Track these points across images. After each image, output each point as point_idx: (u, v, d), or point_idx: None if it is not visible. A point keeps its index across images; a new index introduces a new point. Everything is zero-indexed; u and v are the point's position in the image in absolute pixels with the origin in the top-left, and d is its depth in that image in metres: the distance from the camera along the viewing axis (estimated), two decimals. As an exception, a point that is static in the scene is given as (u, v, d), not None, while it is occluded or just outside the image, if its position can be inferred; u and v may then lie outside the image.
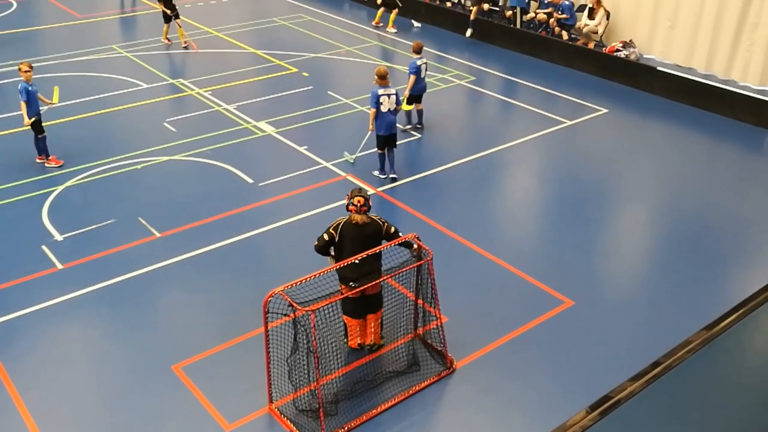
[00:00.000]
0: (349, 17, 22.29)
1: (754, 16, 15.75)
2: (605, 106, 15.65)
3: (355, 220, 7.91)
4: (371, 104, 11.84)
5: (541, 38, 18.80)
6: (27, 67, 12.20)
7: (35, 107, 12.39)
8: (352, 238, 7.87)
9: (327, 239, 7.92)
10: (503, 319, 9.01)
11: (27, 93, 12.14)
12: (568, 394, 7.84)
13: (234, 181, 12.30)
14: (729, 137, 14.42)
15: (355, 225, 7.92)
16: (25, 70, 12.16)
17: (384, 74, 11.74)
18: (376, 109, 11.76)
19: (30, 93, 12.22)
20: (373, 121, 11.87)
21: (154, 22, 21.10)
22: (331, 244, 7.96)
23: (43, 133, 12.59)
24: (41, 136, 12.59)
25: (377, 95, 11.72)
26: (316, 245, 8.00)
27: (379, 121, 11.83)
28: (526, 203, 12.36)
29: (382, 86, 11.77)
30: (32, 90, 12.29)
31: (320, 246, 7.99)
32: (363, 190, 8.11)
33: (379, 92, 11.73)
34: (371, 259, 7.80)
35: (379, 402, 7.70)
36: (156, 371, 8.15)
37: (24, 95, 12.12)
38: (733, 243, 10.81)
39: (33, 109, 12.35)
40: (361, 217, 7.90)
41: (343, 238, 7.88)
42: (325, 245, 7.97)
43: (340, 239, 7.89)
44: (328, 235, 7.92)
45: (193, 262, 10.16)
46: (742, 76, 16.29)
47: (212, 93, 16.06)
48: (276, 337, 7.50)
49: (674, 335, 8.65)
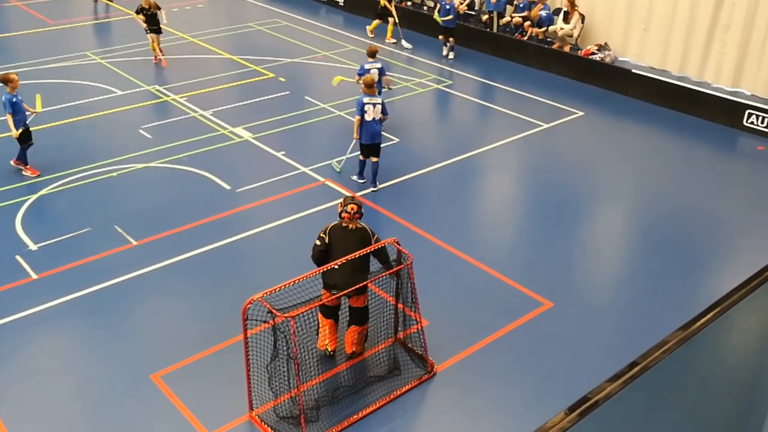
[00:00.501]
0: (325, 22, 22.28)
1: (726, 19, 15.97)
2: (581, 108, 15.77)
3: (346, 225, 8.01)
4: (356, 112, 11.83)
5: (517, 42, 18.91)
6: (12, 76, 12.07)
7: (23, 118, 12.27)
8: (341, 243, 7.93)
9: (319, 244, 7.99)
10: (483, 322, 9.02)
11: (11, 105, 11.99)
12: (549, 396, 7.87)
13: (211, 188, 12.23)
14: (704, 138, 14.59)
15: (344, 230, 8.01)
16: (12, 79, 12.01)
17: (371, 83, 11.75)
18: (360, 117, 11.76)
19: (15, 104, 12.05)
20: (357, 129, 11.87)
21: (127, 28, 20.95)
22: (324, 249, 7.98)
23: (29, 142, 12.45)
24: (26, 145, 12.42)
25: (362, 103, 11.73)
26: (312, 255, 8.05)
27: (362, 130, 11.82)
28: (505, 206, 12.41)
29: (368, 95, 11.77)
30: (17, 101, 12.11)
31: (316, 254, 8.03)
32: (356, 198, 8.24)
33: (364, 100, 11.73)
34: (357, 270, 7.85)
35: (360, 407, 7.67)
36: (134, 380, 8.06)
37: (8, 108, 11.98)
38: (710, 243, 10.92)
39: (20, 120, 12.20)
40: (353, 223, 8.02)
41: (331, 242, 7.96)
42: (320, 252, 7.99)
43: (329, 243, 7.96)
44: (320, 240, 8.00)
45: (170, 270, 10.07)
46: (715, 78, 16.49)
47: (188, 99, 15.96)
48: (256, 344, 7.45)
49: (653, 335, 8.72)
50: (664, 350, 1.67)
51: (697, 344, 1.80)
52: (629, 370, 1.61)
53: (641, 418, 1.81)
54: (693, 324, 1.78)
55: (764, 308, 2.16)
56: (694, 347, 1.80)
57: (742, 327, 2.13)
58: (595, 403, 1.51)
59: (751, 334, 2.25)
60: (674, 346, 1.68)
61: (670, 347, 1.68)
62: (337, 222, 8.11)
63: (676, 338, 1.70)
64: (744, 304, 1.91)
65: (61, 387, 8.01)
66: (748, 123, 14.67)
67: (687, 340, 1.72)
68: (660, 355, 1.66)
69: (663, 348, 1.68)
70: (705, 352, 1.96)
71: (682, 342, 1.70)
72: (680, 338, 1.71)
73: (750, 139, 14.49)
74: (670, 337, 1.73)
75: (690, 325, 1.77)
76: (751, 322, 2.17)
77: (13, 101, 12.06)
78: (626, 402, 1.58)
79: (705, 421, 2.18)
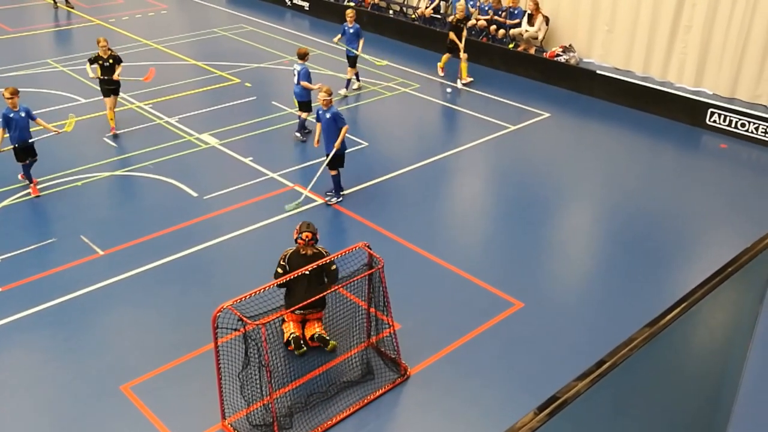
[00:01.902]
0: (291, 26, 22.21)
1: (687, 20, 16.23)
2: (548, 110, 15.90)
3: (304, 251, 8.33)
4: (345, 122, 11.80)
5: (482, 45, 19.01)
6: (8, 93, 11.59)
7: (22, 134, 11.69)
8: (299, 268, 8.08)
9: (281, 272, 8.29)
10: (455, 324, 9.04)
11: (5, 121, 11.51)
12: (522, 394, 7.90)
13: (178, 195, 12.10)
14: (668, 137, 14.80)
15: (303, 256, 8.30)
16: (7, 97, 11.55)
17: None
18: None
19: (11, 120, 11.53)
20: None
21: (89, 35, 20.66)
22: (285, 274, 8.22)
23: (27, 161, 11.94)
24: (24, 163, 11.96)
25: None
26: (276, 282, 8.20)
27: None
28: (474, 208, 12.46)
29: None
30: (15, 116, 11.57)
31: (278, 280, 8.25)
32: (311, 225, 8.47)
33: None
34: (313, 290, 8.09)
35: (333, 413, 7.64)
36: (103, 392, 7.93)
37: (3, 123, 11.51)
38: (676, 239, 11.07)
39: (16, 137, 11.62)
40: (309, 249, 8.32)
41: (291, 269, 8.18)
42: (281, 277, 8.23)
43: (289, 270, 8.20)
44: (281, 268, 8.35)
45: (138, 279, 9.94)
46: (678, 78, 16.75)
47: (153, 106, 15.80)
48: (227, 352, 7.38)
49: (623, 333, 8.81)
50: (631, 347, 1.67)
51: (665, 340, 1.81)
52: (597, 369, 1.61)
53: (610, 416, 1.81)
54: (659, 320, 1.79)
55: (729, 303, 2.19)
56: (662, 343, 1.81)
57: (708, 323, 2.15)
58: (564, 402, 1.51)
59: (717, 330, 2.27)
60: (641, 343, 1.69)
61: (637, 344, 1.69)
62: (295, 248, 8.43)
63: (643, 335, 1.71)
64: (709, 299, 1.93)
65: (28, 401, 7.85)
66: (711, 122, 14.91)
67: (654, 337, 1.73)
68: (627, 353, 1.66)
69: (630, 345, 1.68)
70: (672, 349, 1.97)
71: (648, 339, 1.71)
72: (647, 335, 1.72)
73: (713, 137, 14.73)
74: (637, 335, 1.73)
75: (657, 321, 1.78)
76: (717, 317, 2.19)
77: (10, 116, 11.54)
78: (595, 400, 1.58)
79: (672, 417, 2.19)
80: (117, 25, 22.20)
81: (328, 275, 8.28)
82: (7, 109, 11.63)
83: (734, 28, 15.53)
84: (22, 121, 11.70)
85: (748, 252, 2.13)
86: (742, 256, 2.12)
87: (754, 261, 2.11)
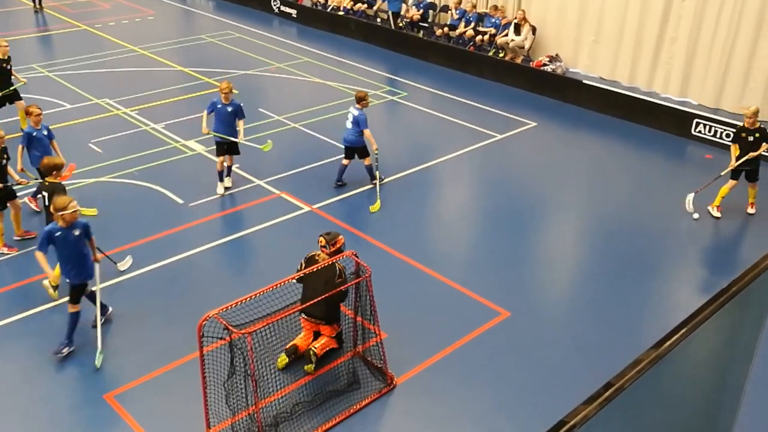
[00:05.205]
0: (278, 34, 22.18)
1: (672, 31, 16.36)
2: (534, 119, 15.95)
3: (318, 257, 8.29)
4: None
5: (470, 54, 19.08)
6: (36, 109, 10.85)
7: (45, 153, 10.66)
8: (310, 278, 8.08)
9: (298, 272, 8.24)
10: (442, 333, 9.01)
11: (28, 139, 10.78)
12: (508, 404, 7.88)
13: (164, 202, 12.00)
14: (655, 147, 14.87)
15: (315, 261, 8.21)
16: (36, 114, 10.80)
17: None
18: None
19: (34, 139, 10.79)
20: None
21: (74, 40, 20.56)
22: (300, 278, 8.22)
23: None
24: None
25: None
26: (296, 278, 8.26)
27: None
28: (461, 217, 12.45)
29: None
30: (37, 135, 10.83)
31: (298, 280, 8.30)
32: (332, 233, 8.47)
33: None
34: (323, 306, 8.03)
35: (319, 422, 7.58)
36: (87, 401, 7.82)
37: (24, 140, 10.76)
38: (663, 250, 11.10)
39: (39, 158, 10.45)
40: (324, 257, 8.23)
41: (305, 274, 8.09)
42: (297, 280, 8.26)
43: (303, 276, 8.16)
44: (297, 271, 8.29)
45: (123, 287, 9.84)
46: (664, 88, 16.87)
47: (139, 112, 15.70)
48: (212, 361, 7.30)
49: (609, 343, 8.84)
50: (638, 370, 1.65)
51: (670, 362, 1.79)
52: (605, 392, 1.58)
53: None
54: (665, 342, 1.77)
55: (729, 324, 2.17)
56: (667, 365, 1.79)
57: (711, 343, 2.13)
58: (572, 426, 1.48)
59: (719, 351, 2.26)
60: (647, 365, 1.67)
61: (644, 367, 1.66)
62: (315, 252, 8.41)
63: (649, 357, 1.69)
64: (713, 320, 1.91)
65: (9, 411, 7.72)
66: (696, 132, 15.01)
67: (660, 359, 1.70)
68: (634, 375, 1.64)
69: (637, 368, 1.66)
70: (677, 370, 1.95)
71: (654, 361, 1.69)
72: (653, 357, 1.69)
73: (698, 147, 14.82)
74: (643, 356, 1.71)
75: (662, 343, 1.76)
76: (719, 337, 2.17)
77: (33, 135, 10.81)
78: (603, 424, 1.55)
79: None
80: (103, 30, 22.09)
81: (338, 294, 8.14)
82: (32, 128, 10.92)
83: (719, 40, 15.67)
84: (45, 140, 11.04)
85: (750, 272, 2.11)
86: (744, 276, 2.11)
87: (757, 281, 2.09)
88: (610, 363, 8.54)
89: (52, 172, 9.49)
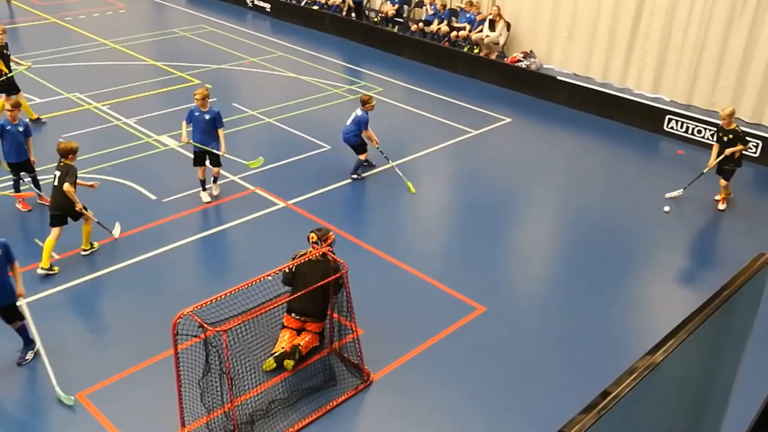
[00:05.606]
0: (252, 28, 22.01)
1: (645, 27, 16.50)
2: (509, 115, 16.00)
3: (310, 253, 8.17)
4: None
5: (444, 49, 19.08)
6: (9, 104, 10.95)
7: (21, 152, 11.08)
8: (305, 273, 8.07)
9: (287, 272, 8.20)
10: (418, 329, 9.01)
11: (1, 131, 10.87)
12: (486, 399, 7.90)
13: (136, 198, 11.86)
14: (628, 143, 15.00)
15: (309, 261, 8.12)
16: (8, 109, 10.92)
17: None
18: None
19: (7, 132, 10.86)
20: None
21: (44, 33, 20.22)
22: (291, 276, 8.21)
23: (20, 176, 11.36)
24: (16, 177, 11.38)
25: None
26: (282, 280, 8.26)
27: None
28: (437, 213, 12.45)
29: None
30: (11, 129, 10.90)
31: (284, 280, 8.27)
32: (322, 228, 8.44)
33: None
34: (317, 300, 8.07)
35: (295, 420, 7.54)
36: (60, 400, 7.70)
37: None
38: (635, 244, 11.20)
39: (14, 154, 11.01)
40: (316, 253, 8.12)
41: (297, 269, 8.12)
42: (288, 279, 8.25)
43: (295, 271, 8.15)
44: (288, 269, 8.18)
45: (95, 284, 9.70)
46: (637, 85, 17.01)
47: (111, 107, 15.48)
48: (187, 359, 7.22)
49: (584, 337, 8.89)
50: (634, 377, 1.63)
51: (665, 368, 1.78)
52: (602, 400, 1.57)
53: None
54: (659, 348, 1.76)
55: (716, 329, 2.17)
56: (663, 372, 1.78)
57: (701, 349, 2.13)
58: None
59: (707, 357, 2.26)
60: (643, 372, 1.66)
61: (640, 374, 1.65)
62: (307, 251, 8.32)
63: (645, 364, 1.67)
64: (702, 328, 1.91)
65: (-23, 411, 7.59)
66: (669, 128, 15.16)
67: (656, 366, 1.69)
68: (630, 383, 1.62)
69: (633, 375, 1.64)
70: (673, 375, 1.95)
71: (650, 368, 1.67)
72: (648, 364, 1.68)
73: (670, 143, 14.98)
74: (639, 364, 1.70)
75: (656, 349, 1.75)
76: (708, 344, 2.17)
77: (7, 129, 10.90)
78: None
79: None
80: (74, 23, 21.76)
81: (333, 283, 8.07)
82: (5, 120, 10.99)
83: (690, 37, 15.83)
84: (19, 136, 11.06)
85: (742, 275, 2.11)
86: (735, 280, 2.10)
87: (748, 284, 2.09)
88: (585, 357, 8.61)
89: (69, 155, 10.05)
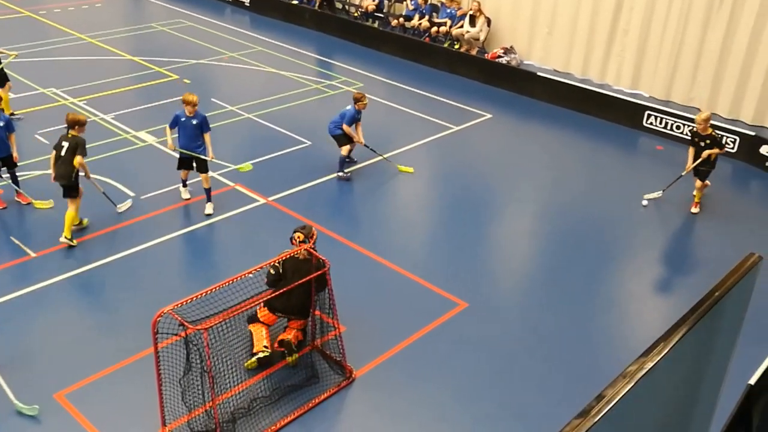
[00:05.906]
0: (230, 22, 21.84)
1: (625, 23, 16.57)
2: (489, 111, 16.01)
3: (297, 254, 8.05)
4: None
5: (425, 45, 19.05)
6: None
7: (2, 148, 10.86)
8: (292, 272, 7.96)
9: (274, 273, 8.07)
10: (400, 325, 8.98)
11: None
12: (469, 395, 7.89)
13: (114, 195, 11.70)
14: (607, 139, 15.07)
15: (295, 259, 8.03)
16: None
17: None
18: None
19: None
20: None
21: (17, 27, 19.90)
22: (277, 277, 8.06)
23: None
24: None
25: None
26: (267, 281, 8.12)
27: None
28: (418, 208, 12.43)
29: None
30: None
31: (270, 281, 8.11)
32: (307, 226, 8.27)
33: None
34: (301, 298, 7.99)
35: (277, 418, 7.49)
36: (37, 401, 7.55)
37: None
38: (617, 238, 11.25)
39: None
40: (302, 252, 8.01)
41: (285, 271, 8.03)
42: (274, 279, 8.08)
43: (282, 271, 8.04)
44: (274, 269, 8.07)
45: (72, 282, 9.57)
46: (616, 80, 17.08)
47: (87, 102, 15.27)
48: (167, 358, 7.14)
49: (566, 332, 8.92)
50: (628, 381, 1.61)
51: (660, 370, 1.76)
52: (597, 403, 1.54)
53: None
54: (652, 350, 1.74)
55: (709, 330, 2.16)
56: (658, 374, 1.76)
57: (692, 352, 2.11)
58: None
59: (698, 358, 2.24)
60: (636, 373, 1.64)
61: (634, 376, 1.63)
62: (295, 250, 8.17)
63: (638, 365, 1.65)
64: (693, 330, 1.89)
65: (-47, 412, 7.45)
66: (648, 123, 15.26)
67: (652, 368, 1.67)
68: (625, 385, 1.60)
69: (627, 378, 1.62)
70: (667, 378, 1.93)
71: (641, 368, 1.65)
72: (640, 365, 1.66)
73: (650, 139, 15.07)
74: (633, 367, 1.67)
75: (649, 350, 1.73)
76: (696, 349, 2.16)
77: None
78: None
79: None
80: (48, 17, 21.45)
81: (317, 281, 7.94)
82: None
83: (669, 32, 15.92)
84: (1, 131, 10.88)
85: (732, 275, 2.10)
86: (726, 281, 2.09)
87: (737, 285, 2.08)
88: (567, 353, 8.64)
89: (75, 126, 10.21)
